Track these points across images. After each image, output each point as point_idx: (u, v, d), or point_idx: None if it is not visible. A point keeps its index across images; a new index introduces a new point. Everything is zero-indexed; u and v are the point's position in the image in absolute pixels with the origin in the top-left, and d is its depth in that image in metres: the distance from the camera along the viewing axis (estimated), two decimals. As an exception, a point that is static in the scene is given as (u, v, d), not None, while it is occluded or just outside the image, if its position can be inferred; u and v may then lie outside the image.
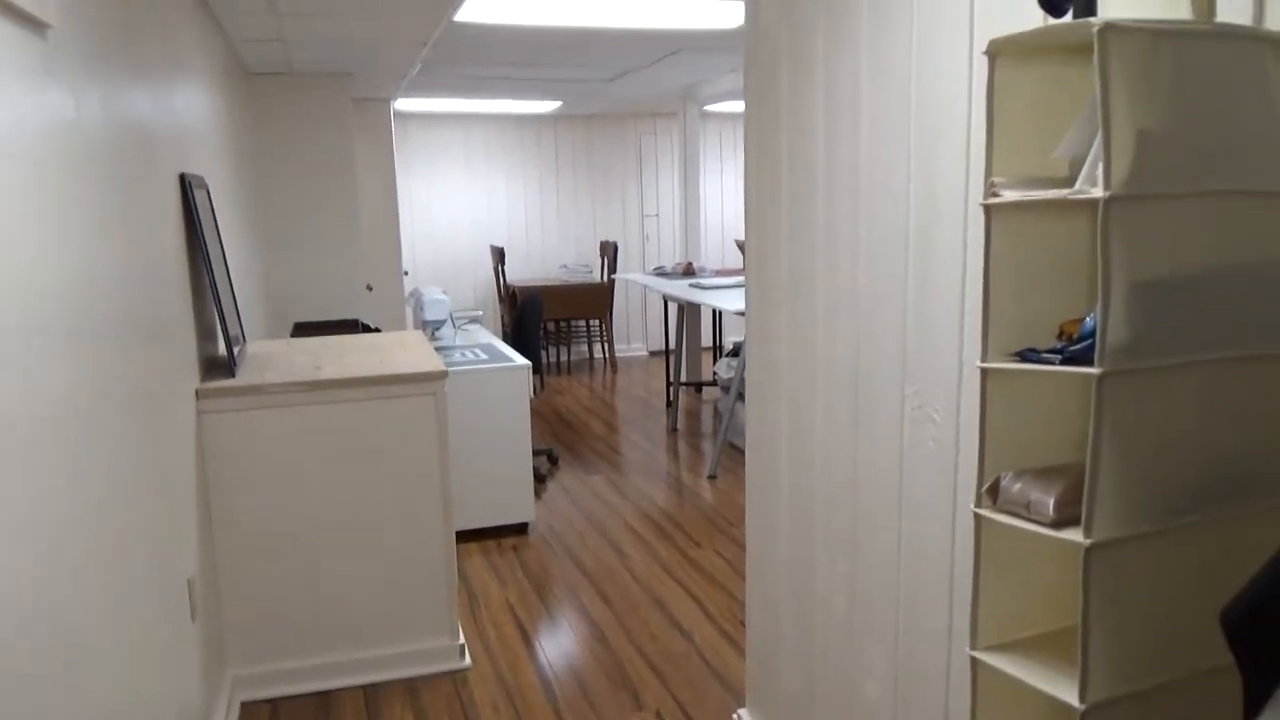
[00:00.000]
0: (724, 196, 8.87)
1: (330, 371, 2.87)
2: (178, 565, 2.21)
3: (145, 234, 2.10)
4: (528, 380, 4.12)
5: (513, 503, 4.17)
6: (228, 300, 2.92)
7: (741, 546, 3.89)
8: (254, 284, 4.37)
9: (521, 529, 4.25)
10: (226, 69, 4.14)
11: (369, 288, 6.00)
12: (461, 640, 3.06)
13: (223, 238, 3.21)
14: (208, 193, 3.04)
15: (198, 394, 2.64)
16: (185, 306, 2.55)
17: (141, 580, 1.84)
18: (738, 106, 7.95)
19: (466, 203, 8.20)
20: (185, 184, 2.63)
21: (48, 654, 1.27)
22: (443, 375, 2.89)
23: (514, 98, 6.81)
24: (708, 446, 5.61)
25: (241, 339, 3.14)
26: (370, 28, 3.93)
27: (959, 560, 1.65)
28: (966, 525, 1.59)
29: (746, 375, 2.37)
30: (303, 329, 4.55)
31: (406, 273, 7.08)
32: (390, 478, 2.87)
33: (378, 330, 4.40)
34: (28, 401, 1.27)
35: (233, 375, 2.79)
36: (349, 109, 5.25)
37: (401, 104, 7.03)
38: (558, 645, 3.17)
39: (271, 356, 3.18)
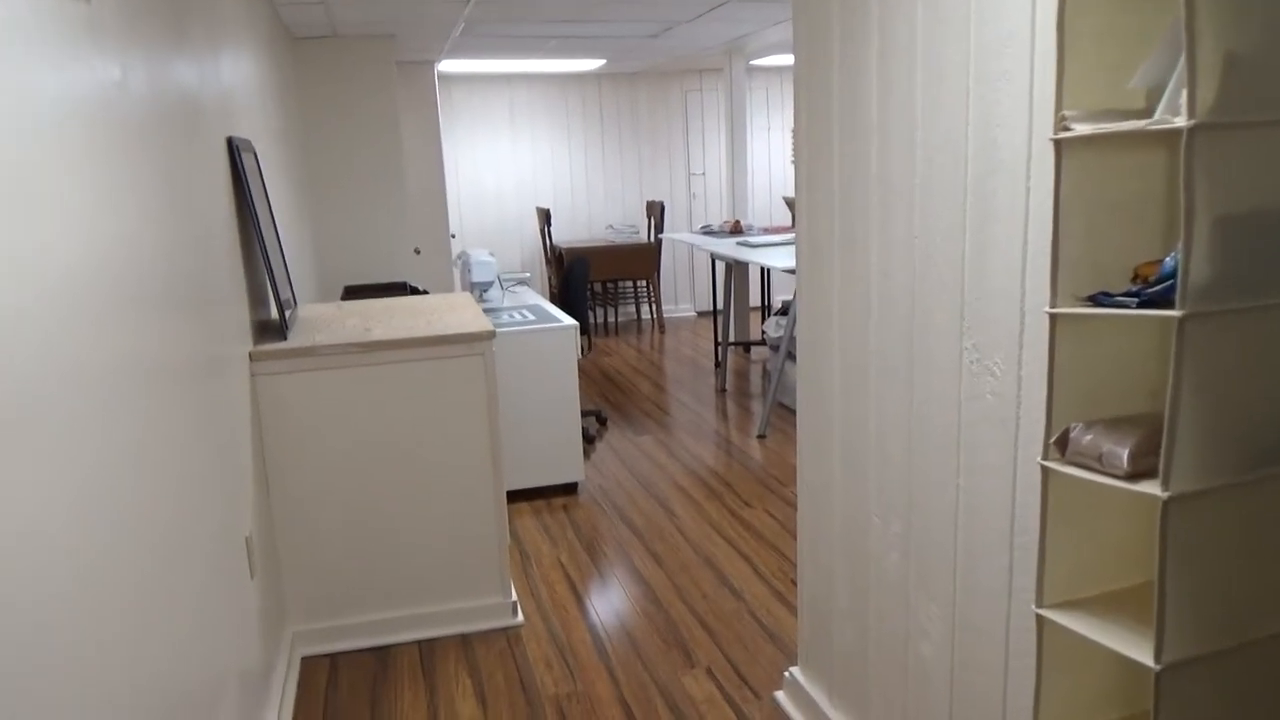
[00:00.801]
0: (771, 153, 8.72)
1: (380, 333, 2.88)
2: (236, 524, 2.25)
3: (195, 198, 2.10)
4: (575, 340, 4.11)
5: (562, 463, 4.19)
6: (278, 264, 2.94)
7: (792, 506, 3.86)
8: (304, 248, 4.41)
9: (571, 489, 4.27)
10: (270, 34, 4.14)
11: (417, 251, 6.03)
12: (514, 598, 3.08)
13: (271, 202, 3.23)
14: (255, 156, 3.06)
15: (251, 357, 2.67)
16: (236, 270, 2.57)
17: (201, 539, 1.87)
18: (785, 60, 7.77)
19: (512, 165, 8.17)
20: (233, 148, 2.63)
21: (110, 612, 1.29)
22: (490, 335, 2.88)
23: (558, 57, 6.73)
24: (757, 406, 5.57)
25: (293, 302, 3.17)
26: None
27: (1020, 516, 1.60)
28: (1029, 480, 1.53)
29: (797, 333, 2.32)
30: (352, 292, 4.59)
31: (454, 236, 7.10)
32: (441, 437, 2.88)
33: (426, 293, 4.42)
34: (92, 368, 1.28)
35: (285, 338, 2.81)
36: (393, 72, 5.24)
37: (445, 66, 7.00)
38: (609, 603, 3.18)
39: (322, 319, 3.20)
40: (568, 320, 4.14)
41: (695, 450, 4.79)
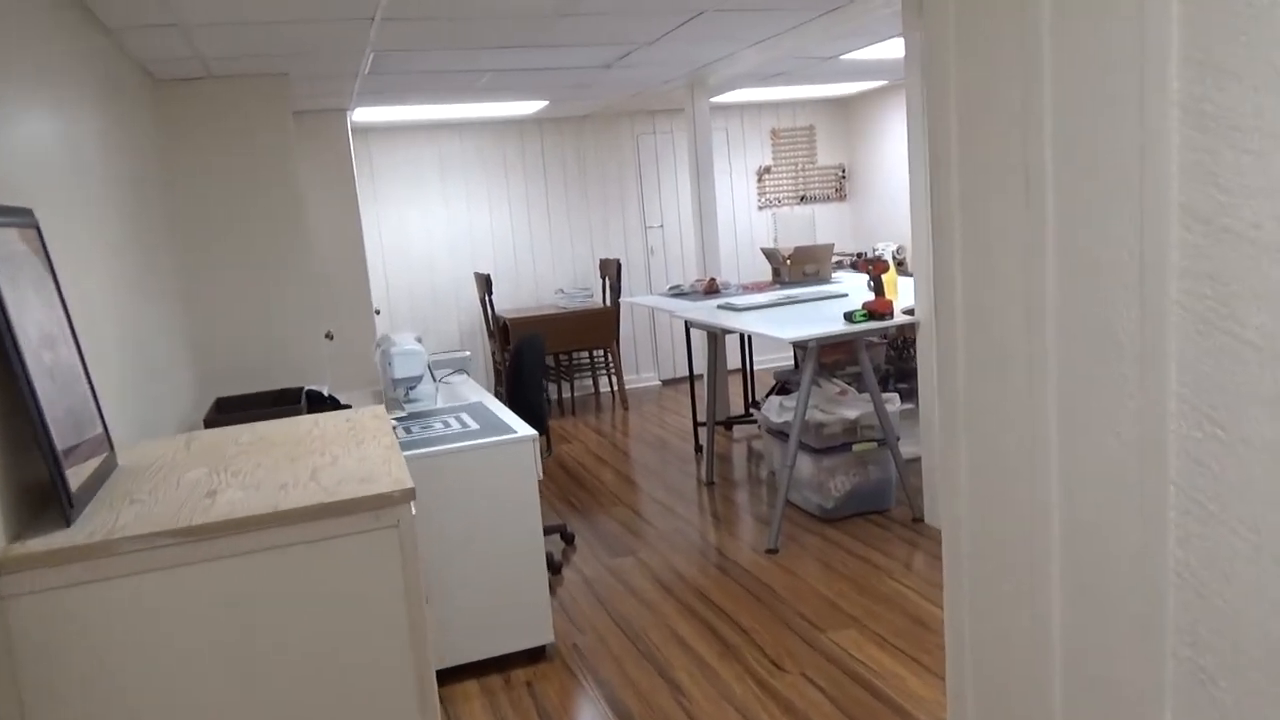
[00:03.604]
0: (735, 200, 7.85)
1: (230, 499, 1.82)
2: None
3: None
4: (535, 455, 3.07)
5: (523, 622, 3.11)
6: (76, 396, 1.87)
7: (839, 665, 2.83)
8: (159, 351, 3.31)
9: (537, 654, 3.19)
10: (113, 76, 3.10)
11: (328, 336, 4.95)
12: None
13: (66, 298, 2.16)
14: (39, 234, 2.00)
15: None
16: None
17: None
18: (748, 96, 6.93)
19: (445, 226, 7.15)
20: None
21: None
22: (407, 497, 1.84)
23: (491, 99, 5.78)
24: (753, 502, 4.56)
25: (108, 447, 2.09)
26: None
27: None
28: None
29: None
30: (226, 407, 3.46)
31: (378, 312, 6.03)
32: (326, 660, 1.81)
33: (331, 401, 3.35)
34: None
35: (67, 523, 1.73)
36: (288, 121, 4.21)
37: (360, 115, 6.00)
38: None
39: (151, 472, 2.12)
40: (523, 429, 3.10)
41: (691, 576, 3.75)
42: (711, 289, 5.50)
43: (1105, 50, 0.96)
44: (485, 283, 6.65)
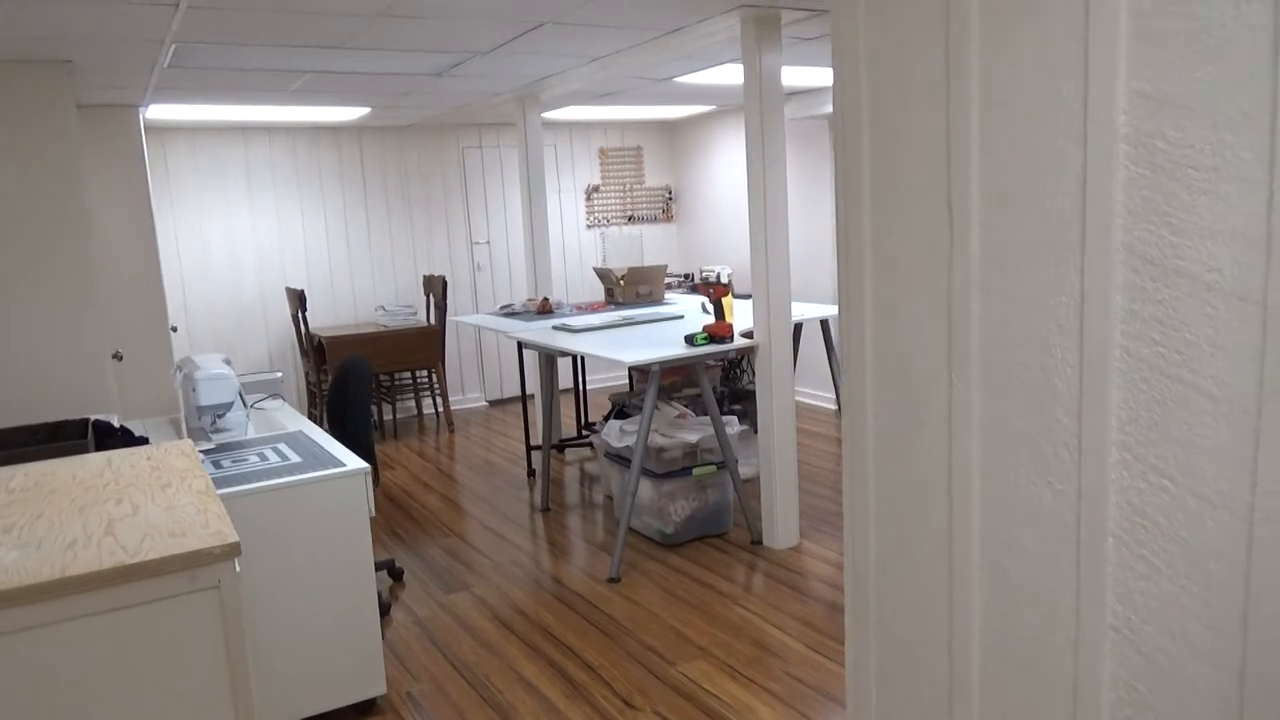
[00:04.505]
0: (564, 219, 7.75)
1: (1, 562, 1.50)
2: None
3: None
4: (367, 491, 2.81)
5: (351, 674, 2.84)
6: None
7: (694, 701, 2.75)
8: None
9: (367, 707, 2.92)
10: None
11: (117, 356, 4.42)
12: None
13: None
14: None
15: None
16: None
17: None
18: (578, 114, 6.86)
19: (251, 237, 6.62)
20: None
21: None
22: (230, 553, 1.59)
23: (308, 103, 5.39)
24: (590, 528, 4.44)
25: None
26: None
27: None
28: None
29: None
30: (-6, 443, 2.97)
31: (175, 329, 5.47)
32: (138, 755, 1.52)
33: (125, 434, 2.94)
34: None
35: None
36: (70, 112, 3.72)
37: (157, 112, 5.44)
38: None
39: (-104, 529, 1.74)
40: (353, 462, 2.83)
41: (532, 610, 3.58)
42: (545, 309, 5.35)
43: (1042, 79, 0.91)
44: (298, 299, 6.19)
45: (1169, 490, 0.86)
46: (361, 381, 3.74)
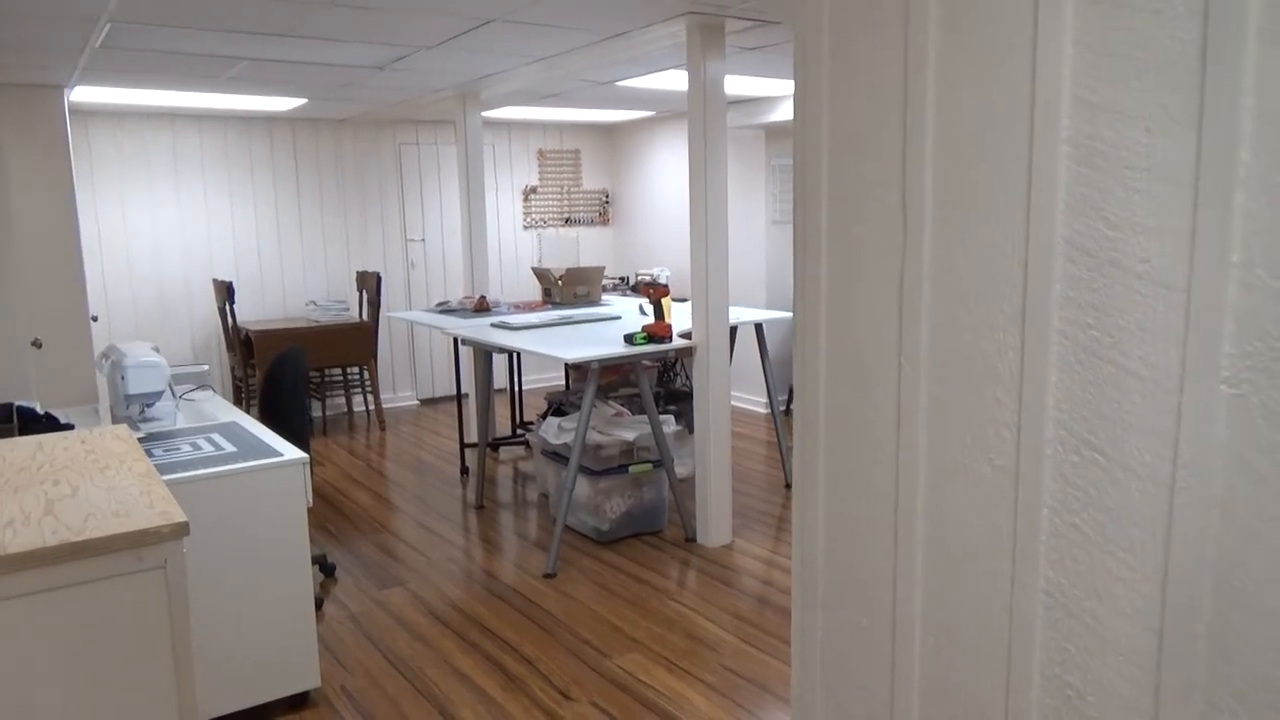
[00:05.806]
0: (500, 218, 7.74)
1: (-63, 545, 1.46)
2: None
3: None
4: (304, 480, 2.79)
5: (284, 667, 2.80)
6: None
7: (630, 692, 2.79)
8: None
9: (300, 701, 2.89)
10: None
11: (36, 344, 4.27)
12: None
13: None
14: None
15: None
16: None
17: None
18: (518, 113, 6.87)
19: (177, 226, 6.45)
20: None
21: None
22: (178, 533, 1.57)
23: (241, 91, 5.28)
24: (524, 525, 4.45)
25: None
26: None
27: None
28: None
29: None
30: (-89, 426, 2.85)
31: (95, 319, 5.30)
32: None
33: (50, 420, 2.85)
34: None
35: None
36: (-6, 88, 3.59)
37: (82, 95, 5.27)
38: None
39: None
40: (291, 451, 2.80)
41: (468, 606, 3.57)
42: (482, 306, 5.35)
43: (993, 83, 0.99)
44: (226, 290, 6.05)
45: (1099, 463, 0.93)
46: (297, 372, 3.69)
